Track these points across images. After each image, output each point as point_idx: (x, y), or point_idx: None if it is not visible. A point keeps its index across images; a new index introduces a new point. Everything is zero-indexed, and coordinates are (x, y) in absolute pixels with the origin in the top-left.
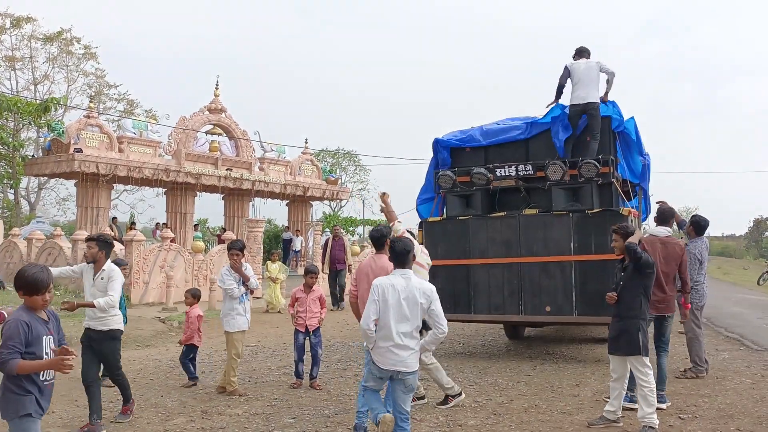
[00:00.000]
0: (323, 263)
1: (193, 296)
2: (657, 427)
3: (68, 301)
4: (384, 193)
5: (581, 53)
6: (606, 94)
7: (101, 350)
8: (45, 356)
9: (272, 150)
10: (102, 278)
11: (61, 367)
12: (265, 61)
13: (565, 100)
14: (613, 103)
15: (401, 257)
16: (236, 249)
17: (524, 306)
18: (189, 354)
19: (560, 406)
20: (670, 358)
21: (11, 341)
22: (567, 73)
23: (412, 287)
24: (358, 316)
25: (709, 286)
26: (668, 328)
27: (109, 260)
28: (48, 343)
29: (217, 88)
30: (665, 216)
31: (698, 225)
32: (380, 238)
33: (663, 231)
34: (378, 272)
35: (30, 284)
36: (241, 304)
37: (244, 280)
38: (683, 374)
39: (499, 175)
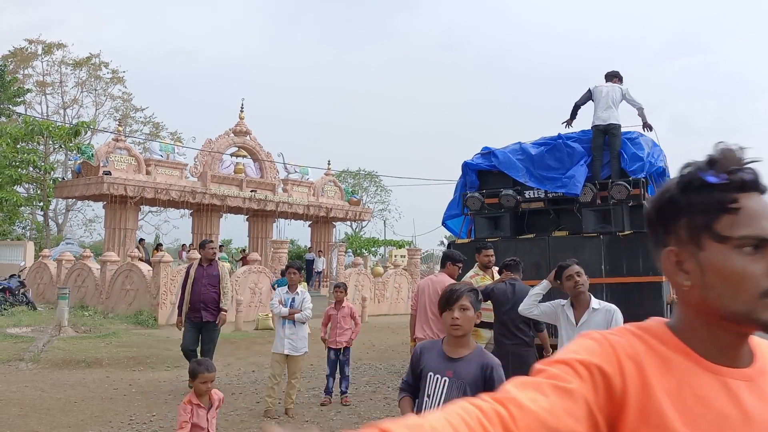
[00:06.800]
0: (179, 306)
1: None
2: None
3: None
4: None
5: (610, 77)
6: (644, 124)
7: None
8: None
9: (295, 171)
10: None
11: None
12: (289, 84)
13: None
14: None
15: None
16: (294, 268)
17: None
18: None
19: None
20: None
21: None
22: (588, 95)
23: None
24: (412, 331)
25: None
26: None
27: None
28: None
29: (242, 111)
30: None
31: None
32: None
33: None
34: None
35: None
36: (283, 327)
37: (288, 310)
38: None
39: (527, 197)
